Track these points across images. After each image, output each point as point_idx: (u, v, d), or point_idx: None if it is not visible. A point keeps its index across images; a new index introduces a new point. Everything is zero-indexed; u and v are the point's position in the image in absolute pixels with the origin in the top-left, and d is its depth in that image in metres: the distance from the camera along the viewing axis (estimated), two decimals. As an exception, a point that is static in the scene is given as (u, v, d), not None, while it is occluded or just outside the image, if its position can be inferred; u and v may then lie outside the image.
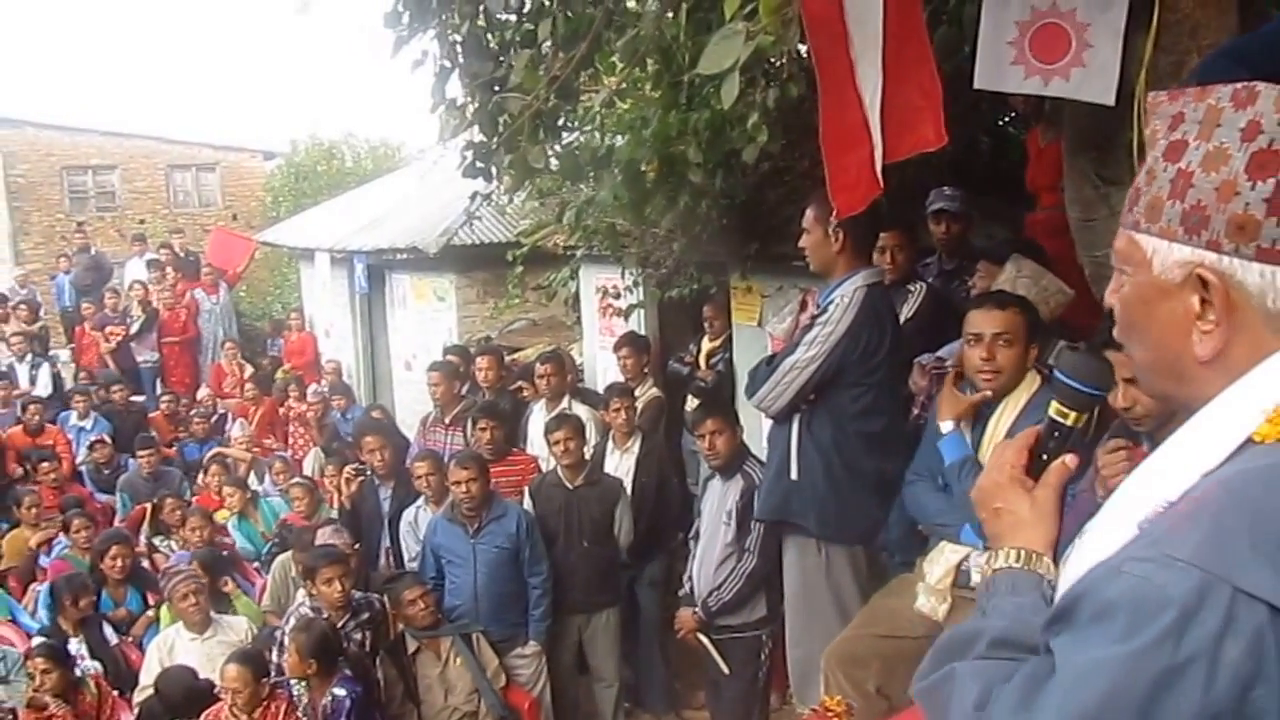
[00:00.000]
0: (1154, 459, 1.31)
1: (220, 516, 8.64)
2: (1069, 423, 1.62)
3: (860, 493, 4.22)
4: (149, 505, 8.80)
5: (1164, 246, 1.26)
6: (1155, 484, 1.24)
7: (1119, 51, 3.35)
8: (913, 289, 5.05)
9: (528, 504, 6.33)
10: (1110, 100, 3.38)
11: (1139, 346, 1.36)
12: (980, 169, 6.29)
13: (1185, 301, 1.25)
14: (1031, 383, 3.70)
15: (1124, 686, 1.06)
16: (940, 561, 3.79)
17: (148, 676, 5.95)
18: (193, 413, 12.03)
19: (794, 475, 4.29)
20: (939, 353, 4.30)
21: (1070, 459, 1.59)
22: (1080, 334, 4.28)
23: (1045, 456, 1.60)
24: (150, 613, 7.05)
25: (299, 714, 5.17)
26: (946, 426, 3.74)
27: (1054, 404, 1.64)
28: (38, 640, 6.23)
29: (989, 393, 3.69)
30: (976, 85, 3.58)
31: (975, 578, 3.73)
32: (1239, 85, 1.23)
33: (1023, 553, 1.49)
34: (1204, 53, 3.29)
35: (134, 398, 12.69)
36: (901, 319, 4.74)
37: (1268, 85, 1.22)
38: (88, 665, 6.13)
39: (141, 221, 21.35)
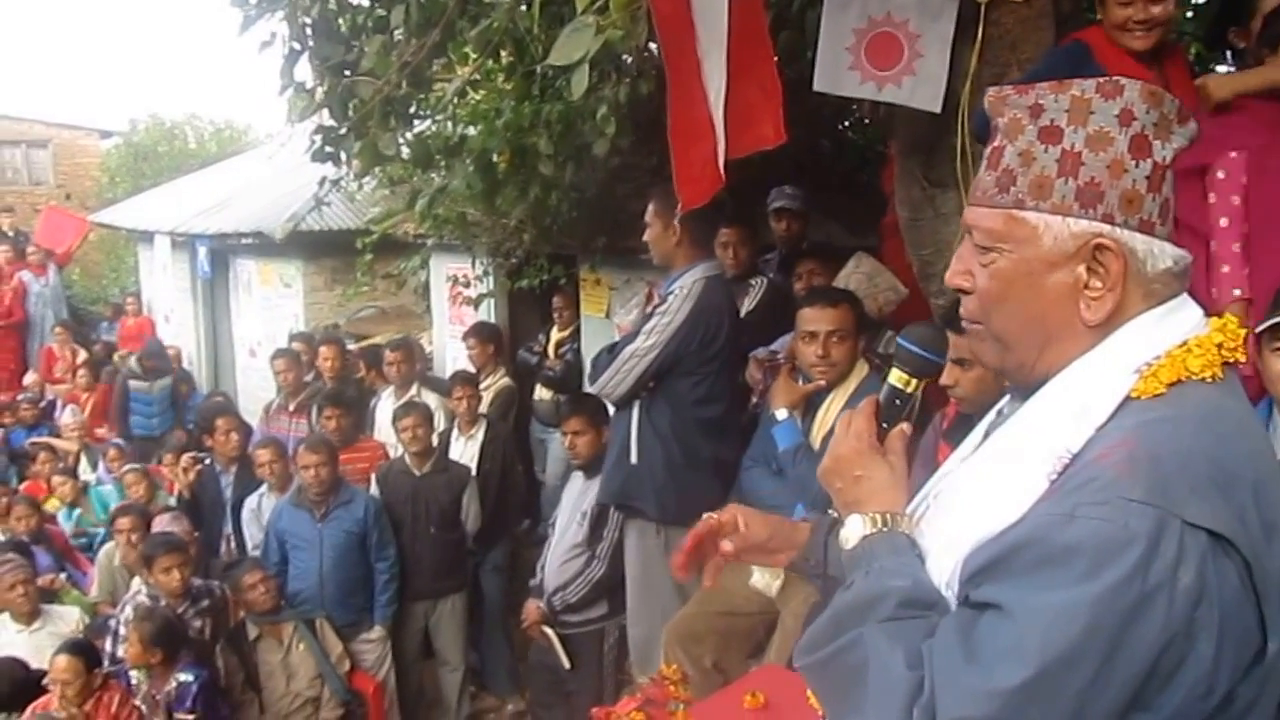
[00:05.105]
0: (1022, 420, 1.41)
1: (50, 505, 8.36)
2: (909, 390, 1.67)
3: (698, 477, 4.35)
4: (-29, 494, 8.42)
5: (1057, 221, 1.34)
6: (1043, 440, 1.31)
7: (946, 62, 3.57)
8: (754, 283, 5.23)
9: (375, 490, 6.30)
10: (938, 108, 3.59)
11: (1010, 319, 1.41)
12: (821, 170, 6.53)
13: (1074, 271, 1.35)
14: (860, 371, 3.89)
15: (1100, 621, 1.13)
16: (774, 541, 3.95)
17: (-30, 673, 5.72)
18: (20, 398, 11.54)
19: (634, 460, 4.41)
20: (771, 346, 4.48)
21: (907, 426, 1.63)
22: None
23: (886, 425, 1.63)
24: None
25: (137, 702, 5.07)
26: (781, 414, 3.91)
27: (895, 372, 1.69)
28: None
29: (823, 383, 3.87)
30: (816, 88, 3.74)
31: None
32: (1101, 79, 1.35)
33: (889, 516, 1.49)
34: (1023, 66, 3.53)
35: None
36: (743, 312, 4.91)
37: (1129, 79, 1.36)
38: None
39: (-34, 198, 20.35)
